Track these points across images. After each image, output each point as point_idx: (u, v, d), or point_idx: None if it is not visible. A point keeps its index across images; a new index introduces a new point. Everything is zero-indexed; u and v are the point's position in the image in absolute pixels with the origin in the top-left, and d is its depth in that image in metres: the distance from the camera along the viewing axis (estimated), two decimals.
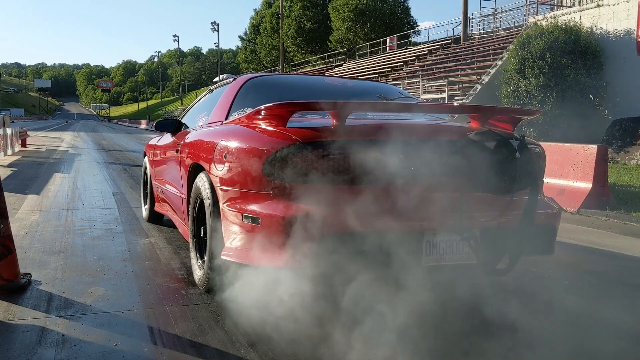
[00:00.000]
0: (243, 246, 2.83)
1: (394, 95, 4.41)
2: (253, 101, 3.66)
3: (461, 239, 2.75)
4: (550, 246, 3.17)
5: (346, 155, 2.65)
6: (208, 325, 2.86)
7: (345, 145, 2.66)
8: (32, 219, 5.66)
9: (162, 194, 5.02)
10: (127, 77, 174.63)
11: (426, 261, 2.72)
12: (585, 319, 3.13)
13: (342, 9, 45.82)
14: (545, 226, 3.08)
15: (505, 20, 28.19)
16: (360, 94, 4.31)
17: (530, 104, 16.21)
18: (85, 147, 19.48)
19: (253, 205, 2.77)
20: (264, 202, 2.73)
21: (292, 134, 2.74)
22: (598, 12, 17.39)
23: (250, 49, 68.88)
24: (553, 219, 3.15)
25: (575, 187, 7.31)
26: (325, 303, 2.79)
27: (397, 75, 27.24)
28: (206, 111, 4.39)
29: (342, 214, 2.57)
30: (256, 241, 2.73)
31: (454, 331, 2.82)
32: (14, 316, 2.94)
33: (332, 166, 2.65)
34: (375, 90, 4.53)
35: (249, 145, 2.91)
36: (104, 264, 4.00)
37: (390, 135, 2.68)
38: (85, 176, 10.06)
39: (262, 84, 4.25)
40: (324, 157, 2.65)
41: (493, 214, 2.76)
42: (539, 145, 3.25)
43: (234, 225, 2.89)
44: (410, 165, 2.63)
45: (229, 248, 2.92)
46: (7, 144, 14.45)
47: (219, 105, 4.08)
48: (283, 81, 4.73)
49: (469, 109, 3.21)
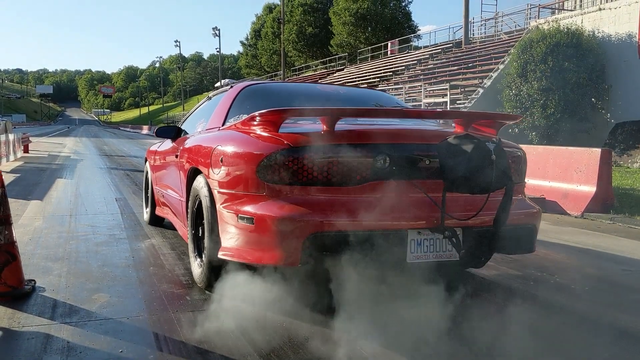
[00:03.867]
0: (239, 245, 3.00)
1: (384, 101, 4.57)
2: (249, 108, 3.79)
3: (443, 237, 2.87)
4: (530, 244, 3.33)
5: (335, 158, 2.83)
6: (214, 331, 2.85)
7: (335, 150, 2.82)
8: (35, 225, 5.66)
9: (163, 198, 5.16)
10: (128, 82, 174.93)
11: (411, 258, 2.87)
12: (594, 324, 3.11)
13: (343, 14, 45.88)
14: (526, 225, 3.24)
15: (506, 24, 28.24)
16: (352, 101, 4.48)
17: (533, 107, 16.20)
18: (87, 153, 19.50)
19: (248, 206, 2.93)
20: (258, 203, 2.89)
21: (284, 139, 2.90)
22: (600, 16, 17.39)
23: (251, 54, 68.99)
24: (533, 219, 3.31)
25: (579, 190, 7.29)
26: (321, 299, 2.94)
27: (398, 80, 27.24)
28: (204, 118, 4.53)
29: (332, 215, 2.75)
30: (251, 240, 2.92)
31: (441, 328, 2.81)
32: (19, 323, 2.93)
33: (322, 169, 2.83)
34: (365, 97, 4.75)
35: (243, 150, 3.10)
36: (108, 271, 3.99)
37: (376, 140, 2.91)
38: (88, 182, 10.07)
39: (258, 92, 4.40)
40: (314, 160, 2.81)
41: (473, 213, 2.85)
42: (520, 149, 3.41)
43: (230, 226, 3.05)
44: (395, 167, 2.86)
45: (225, 247, 3.09)
46: (10, 150, 14.46)
47: (217, 112, 4.23)
48: (278, 88, 4.91)
49: (451, 114, 3.31)
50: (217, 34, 62.71)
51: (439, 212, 2.81)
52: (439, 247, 2.91)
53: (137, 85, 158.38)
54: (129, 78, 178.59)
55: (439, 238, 2.89)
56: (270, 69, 62.56)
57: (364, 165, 2.84)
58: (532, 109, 16.24)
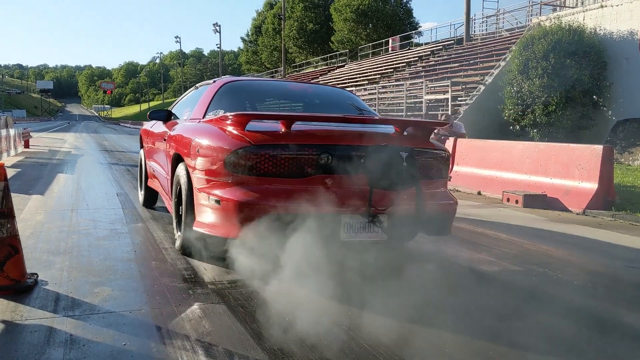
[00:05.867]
0: (209, 221, 3.66)
1: (348, 100, 5.22)
2: (227, 103, 4.56)
3: (368, 221, 3.49)
4: (446, 229, 4.05)
5: (288, 155, 3.43)
6: (216, 324, 2.85)
7: (288, 148, 3.43)
8: (36, 219, 5.65)
9: (154, 172, 5.91)
10: (129, 78, 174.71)
11: (344, 237, 3.50)
12: (596, 319, 3.12)
13: (343, 10, 45.82)
14: (443, 214, 3.94)
15: (507, 21, 28.21)
16: (317, 98, 5.20)
17: (534, 104, 16.19)
18: (88, 148, 19.47)
19: (217, 190, 3.58)
20: (225, 188, 3.53)
21: (248, 136, 3.50)
22: (602, 13, 17.36)
23: (252, 50, 68.94)
24: (449, 208, 3.99)
25: (581, 187, 7.28)
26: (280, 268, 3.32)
27: (399, 76, 27.22)
28: (190, 107, 5.18)
29: (283, 200, 3.37)
30: (218, 218, 3.57)
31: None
32: (22, 316, 2.92)
33: (276, 163, 3.43)
34: (330, 95, 5.47)
35: (215, 144, 3.69)
36: (110, 264, 3.99)
37: (323, 141, 3.54)
38: (89, 177, 10.05)
39: (236, 88, 5.06)
40: (271, 156, 3.42)
41: (395, 203, 3.52)
42: (445, 151, 4.07)
43: (202, 205, 3.72)
44: (335, 164, 3.48)
45: (199, 222, 3.77)
46: (10, 145, 14.44)
47: (200, 104, 4.84)
48: (254, 86, 5.57)
49: (388, 121, 4.07)
50: (217, 30, 62.69)
51: (367, 201, 3.47)
52: (368, 229, 3.54)
53: (137, 81, 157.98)
54: (129, 74, 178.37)
55: (367, 222, 3.50)
56: (271, 65, 62.51)
57: (311, 161, 3.47)
58: (534, 106, 16.23)
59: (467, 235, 5.48)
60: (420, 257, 4.41)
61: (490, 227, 6.03)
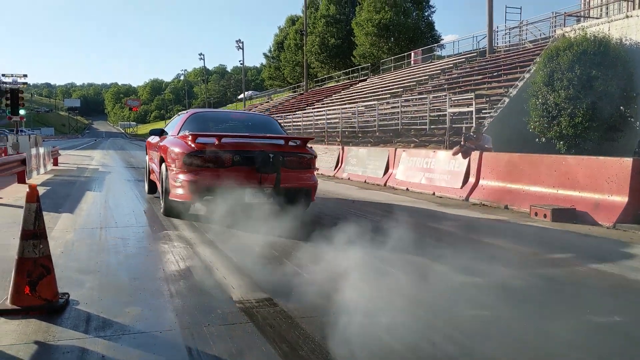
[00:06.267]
0: (176, 193, 6.69)
1: (267, 123, 8.46)
2: (192, 125, 7.64)
3: (257, 191, 6.44)
4: (309, 198, 7.08)
5: (216, 155, 6.42)
6: (246, 345, 2.85)
7: (216, 152, 6.40)
8: (67, 237, 5.74)
9: (152, 169, 8.83)
10: (154, 95, 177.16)
11: (247, 200, 6.39)
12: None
13: (365, 25, 45.97)
14: (305, 187, 6.93)
15: (531, 32, 27.94)
16: (249, 122, 8.66)
17: (560, 116, 15.97)
18: (115, 165, 19.76)
19: (180, 175, 6.56)
20: (185, 174, 6.50)
21: (195, 146, 6.50)
22: (627, 23, 17.12)
23: (274, 66, 69.54)
24: (310, 185, 6.98)
25: (610, 200, 7.15)
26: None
27: (422, 90, 27.14)
28: (172, 127, 8.28)
29: (214, 179, 6.33)
30: (181, 190, 6.59)
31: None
32: (54, 337, 2.97)
33: (210, 160, 6.45)
34: (258, 120, 9.30)
35: (178, 150, 6.73)
36: (139, 283, 4.03)
37: (236, 148, 6.51)
38: (116, 194, 10.20)
39: (198, 116, 8.32)
40: (207, 157, 6.43)
41: (272, 182, 6.49)
42: (311, 154, 7.07)
43: (174, 185, 6.71)
44: (242, 161, 6.46)
45: (172, 193, 6.80)
46: (40, 163, 14.74)
47: (177, 126, 7.97)
48: (209, 114, 9.38)
49: (276, 137, 7.09)
50: (240, 47, 63.29)
51: (259, 180, 6.43)
52: (261, 196, 6.49)
53: (162, 98, 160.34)
54: (154, 91, 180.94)
55: (260, 192, 6.45)
56: (293, 80, 62.93)
57: (229, 158, 6.46)
58: (560, 118, 16.00)
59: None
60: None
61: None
